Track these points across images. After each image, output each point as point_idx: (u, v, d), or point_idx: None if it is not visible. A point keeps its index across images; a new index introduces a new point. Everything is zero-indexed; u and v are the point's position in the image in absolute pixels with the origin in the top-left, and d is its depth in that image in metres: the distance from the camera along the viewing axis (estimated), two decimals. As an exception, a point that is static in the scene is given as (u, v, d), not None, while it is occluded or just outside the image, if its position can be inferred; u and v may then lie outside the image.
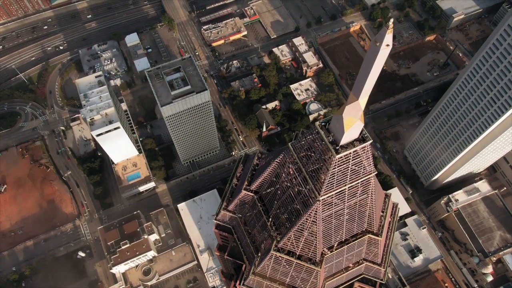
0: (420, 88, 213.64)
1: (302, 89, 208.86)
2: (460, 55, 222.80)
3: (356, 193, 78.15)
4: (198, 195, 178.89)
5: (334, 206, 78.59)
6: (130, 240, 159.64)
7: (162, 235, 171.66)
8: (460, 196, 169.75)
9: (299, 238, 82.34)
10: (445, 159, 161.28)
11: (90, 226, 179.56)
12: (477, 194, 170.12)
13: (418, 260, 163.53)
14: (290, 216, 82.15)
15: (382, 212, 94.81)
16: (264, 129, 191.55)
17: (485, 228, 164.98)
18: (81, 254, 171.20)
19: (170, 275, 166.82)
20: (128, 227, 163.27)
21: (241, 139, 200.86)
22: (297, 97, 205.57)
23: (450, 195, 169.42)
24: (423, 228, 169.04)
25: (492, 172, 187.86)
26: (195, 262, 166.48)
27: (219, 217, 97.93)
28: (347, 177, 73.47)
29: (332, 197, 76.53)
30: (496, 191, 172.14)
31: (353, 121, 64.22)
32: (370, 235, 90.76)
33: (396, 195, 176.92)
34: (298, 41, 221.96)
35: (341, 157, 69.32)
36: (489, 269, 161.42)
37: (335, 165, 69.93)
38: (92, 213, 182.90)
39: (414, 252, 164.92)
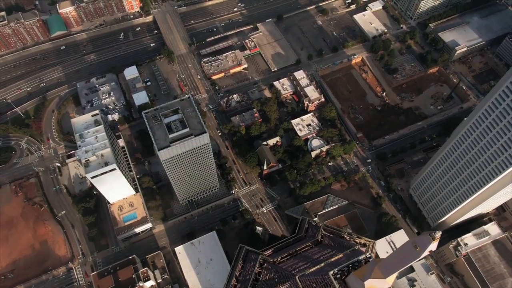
0: (424, 123, 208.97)
1: (303, 124, 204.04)
2: (464, 88, 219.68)
3: None
4: (197, 236, 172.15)
5: None
6: None
7: (158, 281, 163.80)
8: (469, 240, 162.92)
9: None
10: (454, 201, 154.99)
11: (83, 269, 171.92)
12: (487, 237, 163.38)
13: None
14: None
15: None
16: (265, 167, 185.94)
17: (496, 275, 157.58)
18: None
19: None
20: (123, 273, 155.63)
21: (241, 176, 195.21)
22: (298, 132, 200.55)
23: (459, 239, 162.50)
24: (431, 274, 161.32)
25: (501, 212, 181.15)
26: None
27: None
28: None
29: None
30: (506, 234, 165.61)
31: None
32: None
33: (402, 236, 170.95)
34: (299, 74, 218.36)
35: None
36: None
37: None
38: (86, 255, 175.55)
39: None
